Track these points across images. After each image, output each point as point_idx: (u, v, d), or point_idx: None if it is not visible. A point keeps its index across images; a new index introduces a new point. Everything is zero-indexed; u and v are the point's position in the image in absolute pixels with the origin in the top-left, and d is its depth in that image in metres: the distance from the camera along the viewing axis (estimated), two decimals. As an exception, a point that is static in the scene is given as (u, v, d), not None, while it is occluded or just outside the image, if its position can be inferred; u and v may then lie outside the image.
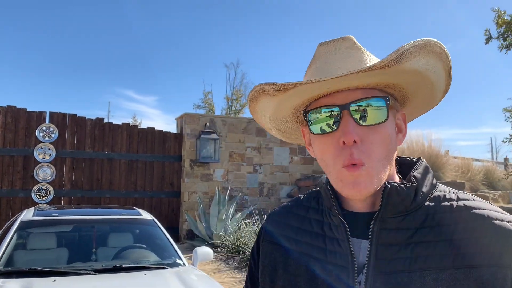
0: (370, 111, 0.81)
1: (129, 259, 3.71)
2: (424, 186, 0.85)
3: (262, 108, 0.91)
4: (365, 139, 0.81)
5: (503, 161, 15.39)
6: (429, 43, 0.78)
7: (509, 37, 7.37)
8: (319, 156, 0.88)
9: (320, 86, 0.80)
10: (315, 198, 0.98)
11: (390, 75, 0.81)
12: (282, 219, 1.00)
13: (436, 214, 0.82)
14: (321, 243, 0.89)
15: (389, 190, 0.81)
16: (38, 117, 8.57)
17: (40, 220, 3.97)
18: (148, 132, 9.42)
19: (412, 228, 0.81)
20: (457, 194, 0.87)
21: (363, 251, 0.83)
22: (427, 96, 0.93)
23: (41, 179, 8.44)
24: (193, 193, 9.34)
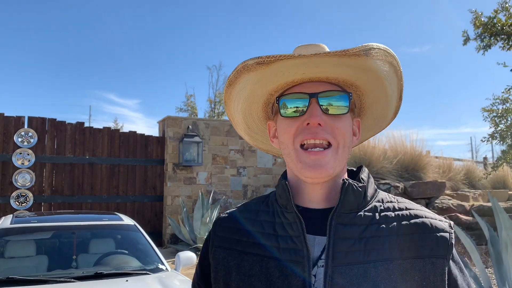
0: (334, 103, 0.91)
1: (110, 265, 3.64)
2: (369, 188, 0.95)
3: (238, 91, 0.97)
4: (328, 124, 0.90)
5: (483, 160, 15.66)
6: (391, 53, 0.90)
7: (486, 38, 7.51)
8: (281, 138, 0.95)
9: (298, 67, 0.88)
10: (263, 201, 1.02)
11: (356, 70, 0.91)
12: (231, 224, 1.01)
13: (382, 213, 0.92)
14: (274, 242, 0.92)
15: (346, 186, 0.90)
16: (17, 121, 8.40)
17: (19, 227, 3.88)
18: (130, 136, 9.32)
19: (363, 224, 0.89)
20: (396, 198, 0.98)
21: (317, 246, 0.89)
22: (379, 114, 1.05)
23: (20, 185, 8.27)
24: (176, 197, 9.27)
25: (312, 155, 0.88)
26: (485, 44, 7.49)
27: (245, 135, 1.13)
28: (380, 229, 0.89)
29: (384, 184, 8.37)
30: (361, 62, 0.88)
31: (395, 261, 0.86)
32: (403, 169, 9.54)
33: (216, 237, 1.01)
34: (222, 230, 1.01)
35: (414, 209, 0.94)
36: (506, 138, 7.95)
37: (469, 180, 11.09)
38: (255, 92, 0.98)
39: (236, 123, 1.08)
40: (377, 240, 0.88)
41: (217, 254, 0.98)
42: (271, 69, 0.89)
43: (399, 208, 0.94)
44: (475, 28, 7.44)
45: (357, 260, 0.86)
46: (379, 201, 0.95)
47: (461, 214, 8.05)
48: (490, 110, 7.87)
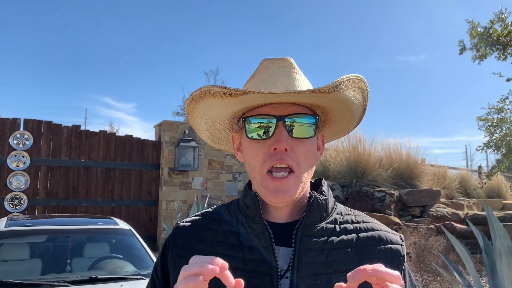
0: (301, 126, 0.92)
1: (105, 269, 3.63)
2: (330, 201, 0.98)
3: (203, 108, 0.97)
4: (294, 149, 0.90)
5: (477, 169, 15.73)
6: (359, 79, 0.93)
7: (482, 48, 7.57)
8: (248, 160, 0.96)
9: (267, 97, 0.87)
10: (225, 210, 1.02)
11: (324, 99, 0.93)
12: (192, 233, 0.99)
13: (341, 225, 0.95)
14: (239, 252, 0.91)
15: (313, 200, 0.93)
16: (12, 124, 8.37)
17: (13, 230, 3.86)
18: (126, 140, 9.30)
19: (325, 236, 0.92)
20: (353, 210, 1.03)
21: (282, 257, 0.90)
22: (343, 126, 1.08)
23: (15, 188, 8.22)
24: (172, 202, 9.25)
25: (275, 181, 0.89)
26: (481, 54, 7.55)
27: (209, 140, 1.12)
28: (340, 241, 0.92)
29: (379, 192, 8.38)
30: (330, 96, 0.90)
31: None
32: (398, 177, 9.56)
33: (175, 246, 0.98)
34: (182, 239, 0.99)
35: (370, 222, 0.99)
36: (501, 147, 8.00)
37: (464, 188, 11.13)
38: (220, 112, 0.98)
39: (199, 131, 1.08)
40: (338, 252, 0.91)
41: (177, 263, 0.94)
42: (238, 100, 0.89)
43: (357, 221, 0.98)
44: (471, 38, 7.51)
45: (320, 270, 0.88)
46: (338, 213, 0.98)
47: (455, 223, 8.07)
48: (485, 120, 7.92)
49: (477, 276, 3.86)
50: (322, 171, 9.78)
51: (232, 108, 0.95)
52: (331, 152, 10.07)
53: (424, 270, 5.29)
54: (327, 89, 0.86)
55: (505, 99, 7.63)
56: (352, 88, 0.93)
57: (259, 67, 0.98)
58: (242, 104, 0.92)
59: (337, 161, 9.53)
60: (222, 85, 8.21)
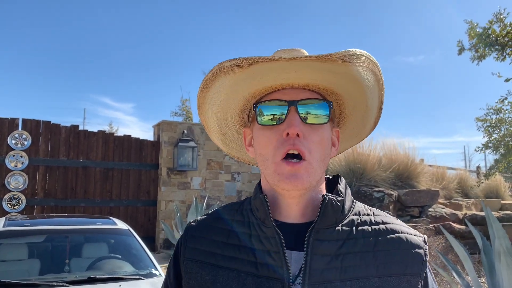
0: (314, 111, 0.88)
1: (103, 270, 3.62)
2: (347, 201, 0.92)
3: (213, 95, 0.93)
4: (306, 136, 0.86)
5: (476, 169, 15.75)
6: (373, 61, 0.88)
7: (481, 49, 7.58)
8: (259, 151, 0.91)
9: (277, 71, 0.84)
10: (237, 210, 0.97)
11: (337, 77, 0.88)
12: (203, 234, 0.95)
13: (359, 227, 0.89)
14: (251, 256, 0.87)
15: (326, 202, 0.87)
16: (11, 124, 8.35)
17: (11, 230, 3.85)
18: (125, 140, 9.29)
19: (340, 240, 0.87)
20: (372, 210, 0.96)
21: (294, 262, 0.86)
22: (358, 124, 1.03)
23: (13, 188, 8.21)
24: (170, 202, 9.24)
25: (289, 166, 0.85)
26: (480, 54, 7.57)
27: (219, 141, 1.09)
28: (357, 244, 0.87)
29: (378, 192, 8.39)
30: (343, 68, 0.85)
31: (372, 279, 0.84)
32: (397, 177, 9.57)
33: (187, 248, 0.96)
34: (194, 240, 0.96)
35: (390, 223, 0.93)
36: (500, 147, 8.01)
37: (462, 189, 11.14)
38: (231, 96, 0.94)
39: (210, 129, 1.04)
40: (354, 257, 0.86)
41: (189, 268, 0.93)
42: (249, 72, 0.86)
43: (376, 222, 0.92)
44: (470, 38, 7.53)
45: (334, 277, 0.84)
46: (356, 214, 0.92)
47: (454, 223, 8.08)
48: (484, 120, 7.93)
49: (476, 276, 3.86)
50: (320, 171, 9.78)
51: (243, 90, 0.92)
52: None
53: (423, 270, 5.29)
54: (339, 56, 0.82)
55: (504, 100, 7.64)
56: (366, 68, 0.88)
57: (272, 55, 0.93)
58: (252, 82, 0.89)
59: (336, 161, 9.53)
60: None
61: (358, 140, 1.08)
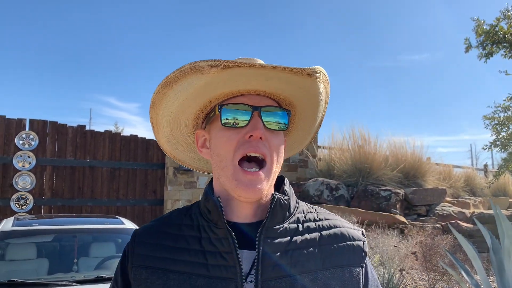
0: (275, 118, 0.92)
1: (111, 269, 3.63)
2: (292, 200, 0.96)
3: (176, 92, 0.92)
4: (268, 140, 0.91)
5: (483, 168, 15.65)
6: (327, 79, 0.95)
7: (488, 46, 7.52)
8: (217, 150, 0.92)
9: (249, 77, 0.87)
10: (186, 214, 0.98)
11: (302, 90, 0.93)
12: (151, 240, 0.94)
13: (304, 224, 0.94)
14: (202, 258, 0.88)
15: (275, 201, 0.91)
16: (18, 124, 8.40)
17: (20, 230, 3.87)
18: (131, 140, 9.32)
19: (288, 237, 0.91)
20: (314, 207, 1.01)
21: (245, 260, 0.88)
22: (300, 136, 1.09)
23: (21, 188, 8.25)
24: (177, 201, 9.26)
25: (248, 175, 0.88)
26: (487, 52, 7.51)
27: (166, 141, 1.06)
28: (304, 240, 0.91)
29: (385, 191, 8.35)
30: (309, 82, 0.91)
31: (319, 271, 0.89)
32: (404, 176, 9.53)
33: (135, 255, 0.93)
34: (141, 247, 0.94)
35: (332, 219, 0.98)
36: (508, 146, 7.95)
37: (469, 187, 11.09)
38: (196, 96, 0.94)
39: (160, 127, 1.02)
40: (301, 252, 0.90)
41: (138, 274, 0.91)
42: (223, 75, 0.86)
43: (319, 219, 0.97)
44: (477, 36, 7.47)
45: (285, 273, 0.87)
46: (301, 212, 0.97)
47: (461, 222, 8.04)
48: (492, 118, 7.88)
49: (485, 275, 3.83)
50: (327, 170, 9.76)
51: (211, 91, 0.92)
52: (336, 151, 10.04)
53: (431, 270, 5.26)
54: (310, 71, 0.88)
55: (512, 97, 7.58)
56: (322, 85, 0.95)
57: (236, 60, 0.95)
58: (223, 86, 0.90)
59: (342, 160, 9.50)
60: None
61: (296, 150, 1.15)
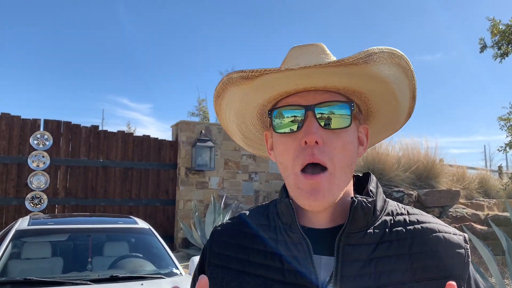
0: (334, 115, 0.81)
1: (125, 268, 3.66)
2: (378, 201, 0.86)
3: (228, 102, 0.89)
4: (327, 142, 0.80)
5: (497, 169, 15.46)
6: (397, 54, 0.79)
7: (504, 46, 7.43)
8: (279, 158, 0.86)
9: (288, 78, 0.79)
10: (263, 214, 0.93)
11: (357, 79, 0.81)
12: (230, 239, 0.92)
13: (393, 228, 0.83)
14: (278, 263, 0.83)
15: (355, 205, 0.81)
16: (33, 124, 8.51)
17: (36, 229, 3.92)
18: (144, 140, 9.38)
19: (373, 243, 0.81)
20: (406, 208, 0.89)
21: (324, 268, 0.81)
22: (390, 117, 0.95)
23: (35, 187, 8.36)
24: (189, 201, 9.29)
25: (309, 178, 0.79)
26: (503, 52, 7.43)
27: (242, 143, 1.05)
28: (391, 247, 0.81)
29: (398, 192, 8.30)
30: (360, 70, 0.78)
31: (408, 283, 0.78)
32: (417, 177, 9.45)
33: (213, 253, 0.92)
34: (219, 245, 0.92)
35: (426, 222, 0.86)
36: (523, 147, 7.85)
37: (483, 189, 10.95)
38: (245, 105, 0.90)
39: (231, 133, 1.01)
40: (388, 261, 0.80)
41: (214, 273, 0.89)
42: (258, 83, 0.81)
43: (411, 222, 0.85)
44: (492, 35, 7.39)
45: (367, 284, 0.78)
46: (388, 214, 0.86)
47: (475, 224, 7.95)
48: (507, 119, 7.79)
49: (501, 278, 3.79)
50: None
51: (255, 99, 0.88)
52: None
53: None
54: (354, 59, 0.75)
55: (527, 98, 7.47)
56: (388, 64, 0.79)
57: (286, 56, 0.88)
58: (263, 91, 0.84)
59: (354, 161, 9.45)
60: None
61: (393, 131, 1.01)
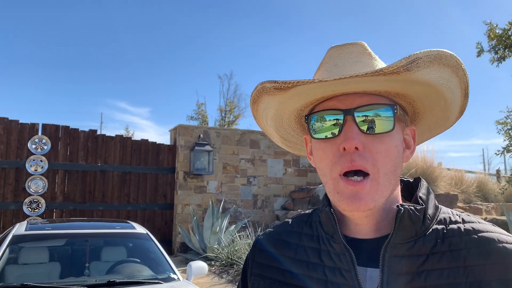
0: (375, 118, 0.77)
1: (123, 273, 3.65)
2: (429, 208, 0.80)
3: (264, 109, 0.86)
4: (369, 148, 0.76)
5: (495, 173, 15.48)
6: (445, 55, 0.73)
7: (501, 50, 7.47)
8: (317, 164, 0.83)
9: (324, 87, 0.76)
10: (306, 222, 0.90)
11: (399, 84, 0.76)
12: (272, 248, 0.90)
13: (445, 238, 0.77)
14: (321, 274, 0.80)
15: (402, 214, 0.76)
16: (31, 129, 8.50)
17: (33, 234, 3.91)
18: (142, 144, 9.38)
19: (423, 255, 0.75)
20: (461, 216, 0.82)
21: (369, 280, 0.77)
22: (439, 116, 0.88)
23: (33, 192, 8.34)
24: (187, 205, 9.28)
25: (350, 185, 0.75)
26: (499, 56, 7.46)
27: (283, 145, 1.01)
28: (444, 259, 0.74)
29: (396, 196, 8.29)
30: (402, 77, 0.73)
31: None
32: (415, 181, 9.44)
33: (255, 263, 0.91)
34: (261, 255, 0.91)
35: (484, 231, 0.77)
36: (521, 151, 7.87)
37: (481, 192, 10.96)
38: (282, 111, 0.88)
39: (271, 136, 0.98)
40: (440, 274, 0.73)
41: (256, 284, 0.88)
42: (291, 93, 0.79)
43: (466, 231, 0.77)
44: (489, 40, 7.43)
45: None
46: (441, 222, 0.80)
47: (474, 227, 7.95)
48: (504, 123, 7.81)
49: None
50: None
51: (292, 106, 0.85)
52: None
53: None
54: (394, 68, 0.69)
55: (525, 102, 7.50)
56: (436, 67, 0.73)
57: (325, 56, 0.85)
58: (299, 99, 0.81)
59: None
60: (236, 88, 7.81)
61: (443, 129, 0.93)
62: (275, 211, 9.96)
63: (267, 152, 10.06)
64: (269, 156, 10.11)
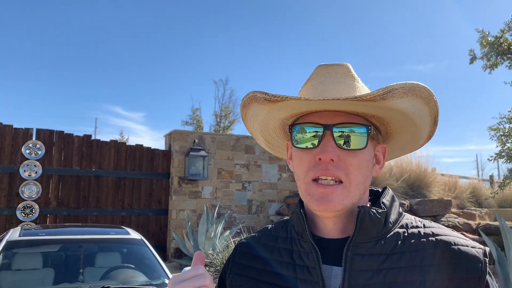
0: (351, 135, 0.85)
1: (117, 279, 3.65)
2: (392, 213, 0.88)
3: (252, 114, 0.95)
4: (343, 160, 0.84)
5: (489, 178, 15.58)
6: (419, 87, 0.81)
7: (493, 58, 7.55)
8: (295, 169, 0.92)
9: (309, 105, 0.84)
10: (283, 227, 0.98)
11: (374, 108, 0.85)
12: (250, 250, 0.99)
13: (405, 240, 0.84)
14: (291, 272, 0.88)
15: (362, 214, 0.83)
16: (25, 134, 8.47)
17: (27, 240, 3.90)
18: (136, 149, 9.37)
19: (383, 254, 0.82)
20: (423, 222, 0.90)
21: (334, 278, 0.84)
22: (409, 138, 0.97)
23: (27, 197, 8.30)
24: (181, 211, 9.27)
25: (321, 188, 0.84)
26: (492, 63, 7.54)
27: (266, 147, 1.10)
28: (402, 259, 0.81)
29: (390, 201, 8.33)
30: (378, 104, 0.82)
31: None
32: (409, 187, 9.51)
33: (234, 263, 0.99)
34: (241, 256, 0.99)
35: (442, 234, 0.85)
36: (513, 157, 7.93)
37: (475, 198, 11.03)
38: (268, 119, 0.96)
39: (256, 138, 1.07)
40: (398, 272, 0.80)
41: (233, 281, 0.96)
42: (279, 105, 0.87)
43: (425, 234, 0.85)
44: (481, 47, 7.51)
45: None
46: (402, 226, 0.87)
47: (467, 233, 7.99)
48: (497, 129, 7.87)
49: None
50: (331, 181, 9.74)
51: (278, 115, 0.93)
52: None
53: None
54: (371, 97, 0.78)
55: (517, 108, 7.57)
56: (409, 97, 0.82)
57: (313, 73, 0.94)
58: (286, 111, 0.90)
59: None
60: (231, 94, 8.04)
61: (411, 150, 1.03)
62: (270, 216, 9.96)
63: (262, 157, 10.07)
64: (264, 161, 10.13)
